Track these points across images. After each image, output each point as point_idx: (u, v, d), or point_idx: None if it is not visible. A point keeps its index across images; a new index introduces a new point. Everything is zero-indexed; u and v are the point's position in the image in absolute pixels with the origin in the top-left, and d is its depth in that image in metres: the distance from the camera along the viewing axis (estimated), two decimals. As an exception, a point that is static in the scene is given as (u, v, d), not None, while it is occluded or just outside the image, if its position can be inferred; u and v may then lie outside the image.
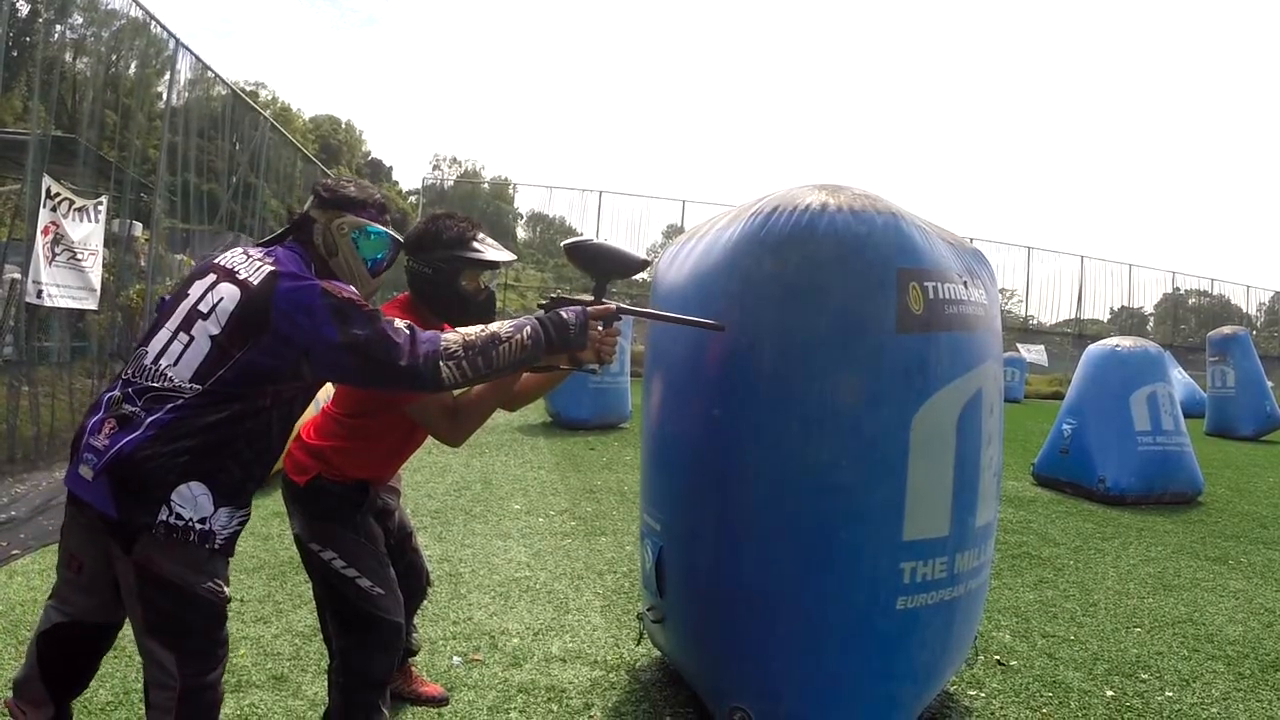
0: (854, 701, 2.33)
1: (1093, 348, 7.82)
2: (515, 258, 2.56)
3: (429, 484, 6.60)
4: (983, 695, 3.07)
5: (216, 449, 1.78)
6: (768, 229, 2.33)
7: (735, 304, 2.38)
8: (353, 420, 2.31)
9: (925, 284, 2.29)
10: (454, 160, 64.60)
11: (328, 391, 2.63)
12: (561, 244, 2.31)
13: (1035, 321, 32.95)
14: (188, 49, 8.76)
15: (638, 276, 2.36)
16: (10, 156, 7.12)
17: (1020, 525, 6.11)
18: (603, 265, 2.18)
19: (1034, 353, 26.28)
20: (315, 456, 2.30)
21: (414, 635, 2.88)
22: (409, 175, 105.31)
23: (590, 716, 2.80)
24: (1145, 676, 3.31)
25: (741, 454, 2.37)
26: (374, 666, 2.23)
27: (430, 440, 2.40)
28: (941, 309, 2.31)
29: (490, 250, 2.33)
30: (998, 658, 3.43)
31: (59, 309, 6.69)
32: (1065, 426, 7.68)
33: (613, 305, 2.11)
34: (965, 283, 2.45)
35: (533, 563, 4.59)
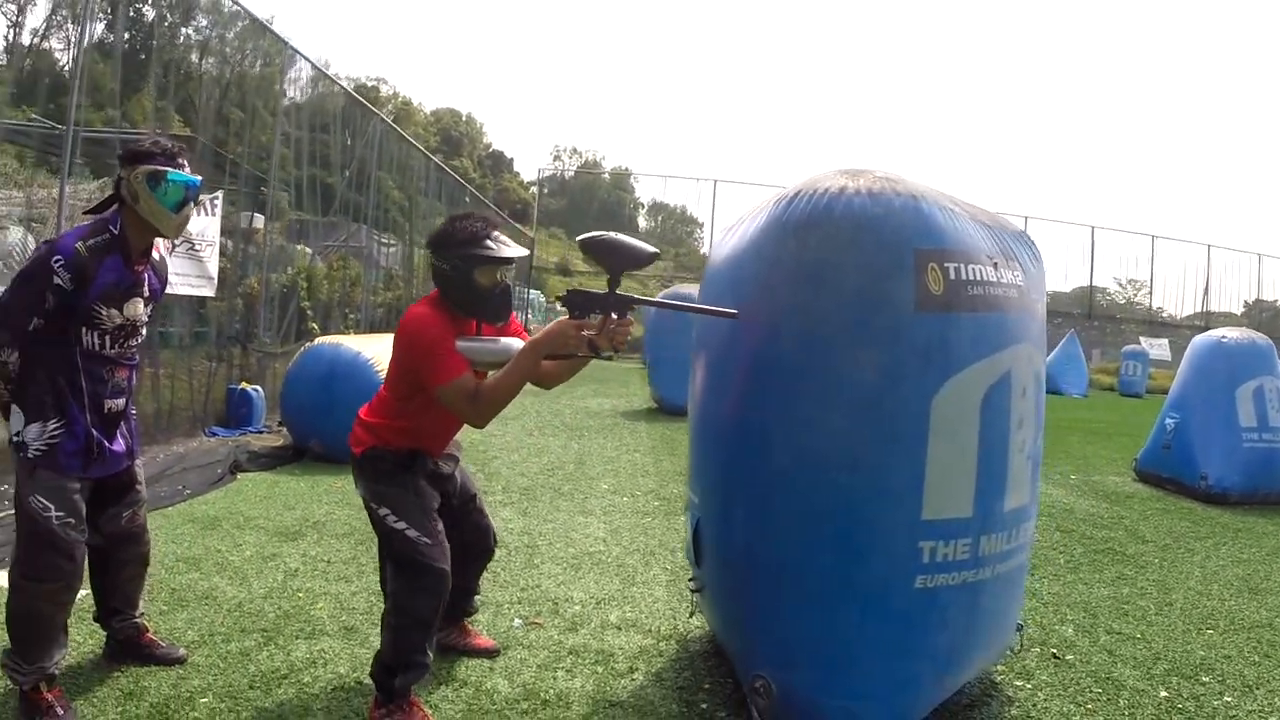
0: (870, 676, 2.35)
1: (1198, 339, 7.40)
2: (527, 252, 2.83)
3: (524, 463, 6.85)
4: (1029, 686, 3.03)
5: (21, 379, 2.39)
6: (789, 213, 2.40)
7: (761, 286, 2.47)
8: (398, 402, 2.59)
9: (946, 265, 2.29)
10: (574, 150, 65.90)
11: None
12: (577, 240, 2.47)
13: (1166, 314, 31.04)
14: (304, 56, 9.30)
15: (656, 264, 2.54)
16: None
17: (1111, 521, 5.88)
18: (615, 259, 2.31)
19: (1157, 347, 24.77)
20: (369, 431, 2.61)
21: (475, 598, 3.08)
22: (530, 166, 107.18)
23: (633, 679, 2.93)
24: (1206, 679, 3.18)
25: (766, 430, 2.45)
26: (419, 605, 2.48)
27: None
28: (963, 290, 2.31)
29: (504, 248, 2.51)
30: (1054, 651, 3.36)
31: (180, 296, 7.29)
32: (1168, 421, 7.29)
33: (628, 296, 2.33)
34: (995, 264, 2.43)
35: (609, 538, 4.74)
